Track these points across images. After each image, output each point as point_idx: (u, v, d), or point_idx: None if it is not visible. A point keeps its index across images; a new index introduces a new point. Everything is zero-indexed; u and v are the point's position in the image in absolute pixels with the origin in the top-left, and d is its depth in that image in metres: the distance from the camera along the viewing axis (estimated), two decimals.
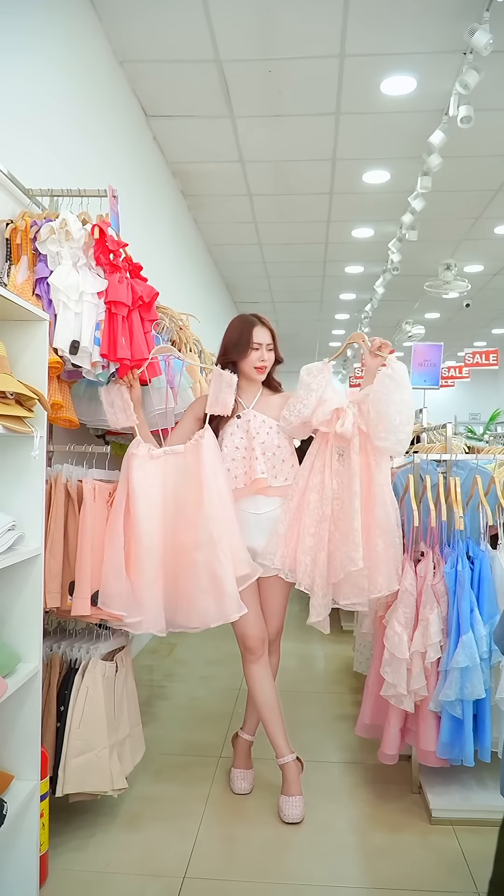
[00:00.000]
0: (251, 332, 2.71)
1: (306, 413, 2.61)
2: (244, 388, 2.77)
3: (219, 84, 4.17)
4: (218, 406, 2.63)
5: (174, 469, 2.57)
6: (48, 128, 3.02)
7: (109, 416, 2.60)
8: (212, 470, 2.53)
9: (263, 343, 2.71)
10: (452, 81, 3.95)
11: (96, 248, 2.44)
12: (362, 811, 2.68)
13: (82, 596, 2.36)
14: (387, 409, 2.50)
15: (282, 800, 2.67)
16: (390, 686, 2.55)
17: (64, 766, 2.33)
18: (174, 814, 2.64)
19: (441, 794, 2.68)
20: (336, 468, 2.64)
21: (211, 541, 2.45)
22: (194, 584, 2.46)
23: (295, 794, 2.66)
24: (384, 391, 2.53)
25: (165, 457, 2.58)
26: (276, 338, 2.77)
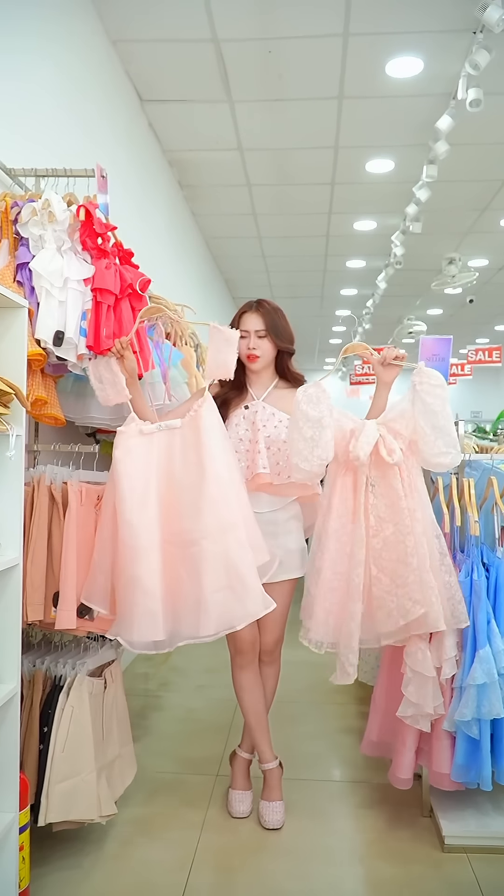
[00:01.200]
0: (239, 318, 2.53)
1: (328, 456, 2.28)
2: (253, 380, 2.60)
3: (216, 66, 3.98)
4: (219, 369, 2.27)
5: (169, 447, 2.24)
6: (35, 111, 2.83)
7: (99, 393, 2.30)
8: (215, 443, 2.20)
9: (252, 330, 2.50)
10: (461, 63, 3.78)
11: (82, 231, 2.26)
12: (369, 837, 2.50)
13: (67, 608, 2.18)
14: (445, 422, 2.26)
15: (262, 805, 2.57)
16: (411, 705, 2.36)
17: (47, 793, 2.15)
18: (168, 840, 2.46)
19: (455, 819, 2.49)
20: (371, 503, 2.31)
21: (221, 527, 2.13)
22: (205, 582, 2.10)
23: (276, 798, 2.59)
24: (438, 403, 2.26)
25: (159, 433, 2.25)
26: (274, 325, 2.53)
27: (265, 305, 2.56)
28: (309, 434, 2.26)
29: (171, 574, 2.16)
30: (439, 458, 2.27)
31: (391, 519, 2.28)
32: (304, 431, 2.27)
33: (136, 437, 2.24)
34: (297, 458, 2.28)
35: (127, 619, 2.13)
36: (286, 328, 2.57)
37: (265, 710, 2.65)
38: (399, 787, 2.54)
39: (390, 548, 2.27)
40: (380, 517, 2.29)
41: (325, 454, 2.26)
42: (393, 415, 2.34)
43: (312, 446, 2.26)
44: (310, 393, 2.30)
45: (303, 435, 2.27)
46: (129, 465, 2.18)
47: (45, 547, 2.22)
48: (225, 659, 2.83)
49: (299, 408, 2.29)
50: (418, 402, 2.28)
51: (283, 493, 2.51)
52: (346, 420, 2.35)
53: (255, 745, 2.65)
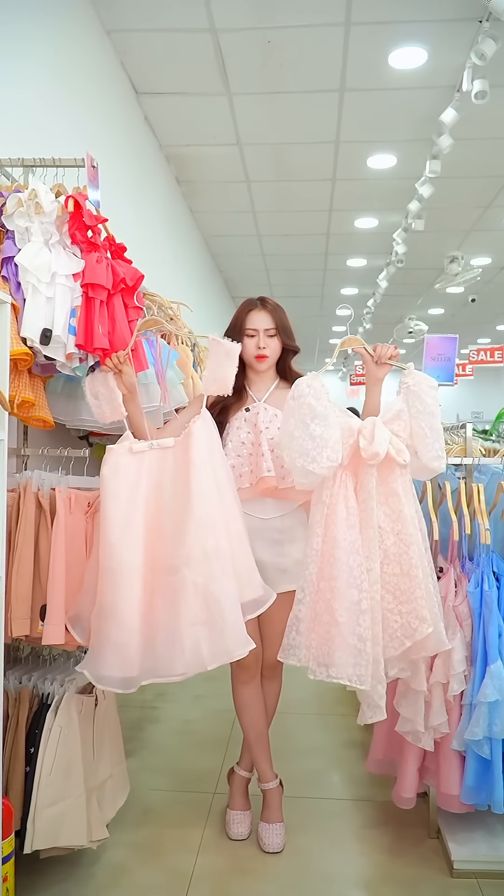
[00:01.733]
0: (246, 316, 2.40)
1: (338, 457, 2.04)
2: (254, 381, 2.47)
3: (214, 56, 3.86)
4: (216, 384, 2.15)
5: (160, 468, 2.07)
6: (24, 103, 2.71)
7: (94, 409, 2.17)
8: (203, 464, 2.02)
9: (260, 329, 2.39)
10: (466, 53, 3.67)
11: (71, 224, 2.14)
12: (374, 860, 2.38)
13: (55, 622, 2.06)
14: (439, 425, 2.15)
15: (262, 827, 2.44)
16: (406, 721, 2.25)
17: (33, 819, 2.02)
18: (163, 865, 2.34)
19: (464, 841, 2.37)
20: (375, 511, 2.10)
21: (205, 555, 1.95)
22: (181, 614, 1.92)
23: (276, 820, 2.46)
24: (434, 405, 2.15)
25: (150, 452, 2.09)
26: (282, 323, 2.43)
27: (270, 303, 2.46)
28: (318, 432, 2.02)
29: (149, 604, 1.99)
30: (434, 463, 2.13)
31: (392, 528, 2.09)
32: (313, 429, 2.03)
33: (125, 456, 2.08)
34: (304, 460, 2.02)
35: (96, 651, 1.97)
36: (288, 326, 2.47)
37: (266, 728, 2.53)
38: (402, 807, 2.43)
39: (392, 561, 2.07)
40: (380, 527, 2.09)
41: (335, 455, 2.03)
42: (390, 416, 2.16)
43: (322, 446, 2.02)
44: (315, 386, 2.08)
45: (310, 433, 2.03)
46: (116, 484, 2.02)
47: (31, 557, 2.09)
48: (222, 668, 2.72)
49: (305, 401, 2.06)
50: (416, 403, 2.13)
51: (289, 498, 2.37)
52: (350, 417, 2.15)
53: (255, 764, 2.53)
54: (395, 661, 2.10)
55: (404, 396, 2.16)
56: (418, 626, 2.02)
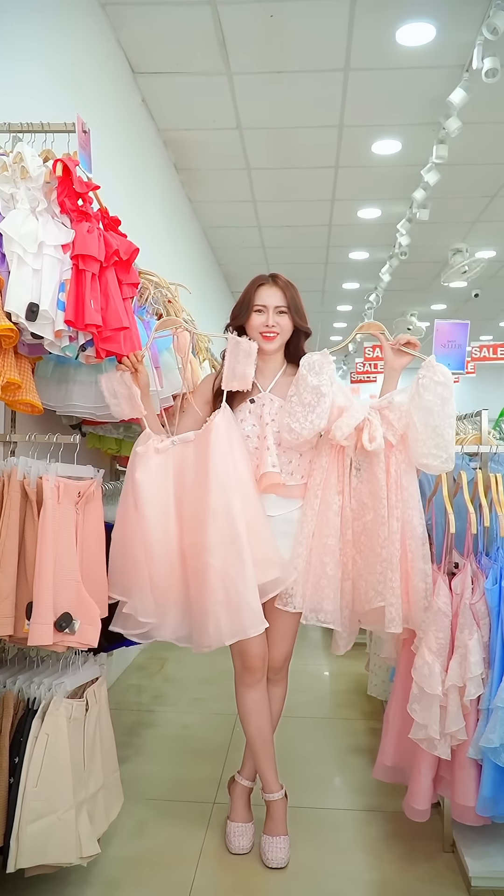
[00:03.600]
0: (255, 291, 2.28)
1: (321, 425, 2.17)
2: (260, 367, 2.31)
3: (214, 32, 3.70)
4: (235, 380, 2.21)
5: (182, 462, 2.21)
6: (12, 82, 2.54)
7: (114, 408, 2.23)
8: (223, 455, 2.12)
9: (270, 305, 2.27)
10: (477, 29, 3.51)
11: (60, 191, 1.99)
12: (384, 876, 2.22)
13: (41, 621, 1.89)
14: (440, 422, 2.11)
15: (265, 841, 2.30)
16: (420, 728, 2.09)
17: (17, 835, 1.86)
18: (159, 881, 2.18)
19: (480, 855, 2.22)
20: (354, 486, 2.25)
21: (222, 541, 2.08)
22: (207, 595, 2.08)
23: (280, 833, 2.31)
24: (437, 401, 2.12)
25: (173, 448, 2.22)
26: (294, 301, 2.30)
27: (282, 279, 2.34)
28: (307, 399, 2.17)
29: (183, 582, 2.18)
30: (426, 459, 2.14)
31: (372, 506, 2.19)
32: (303, 396, 2.18)
33: (153, 458, 2.20)
34: (290, 419, 2.18)
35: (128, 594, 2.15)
36: (300, 305, 2.35)
37: (272, 734, 2.37)
38: (414, 819, 2.27)
39: (369, 533, 2.20)
40: (362, 502, 2.23)
41: (319, 421, 2.16)
42: (386, 402, 2.21)
43: (308, 411, 2.16)
44: (313, 360, 2.21)
45: (301, 399, 2.18)
46: (153, 484, 2.18)
47: (15, 551, 1.93)
48: (222, 668, 2.59)
49: (300, 373, 2.20)
50: (416, 396, 2.16)
51: (294, 496, 2.27)
52: (341, 396, 2.21)
53: (259, 773, 2.37)
54: (365, 617, 2.28)
55: (412, 388, 2.18)
56: (373, 598, 2.16)
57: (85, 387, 2.38)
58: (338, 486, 2.24)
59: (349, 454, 2.24)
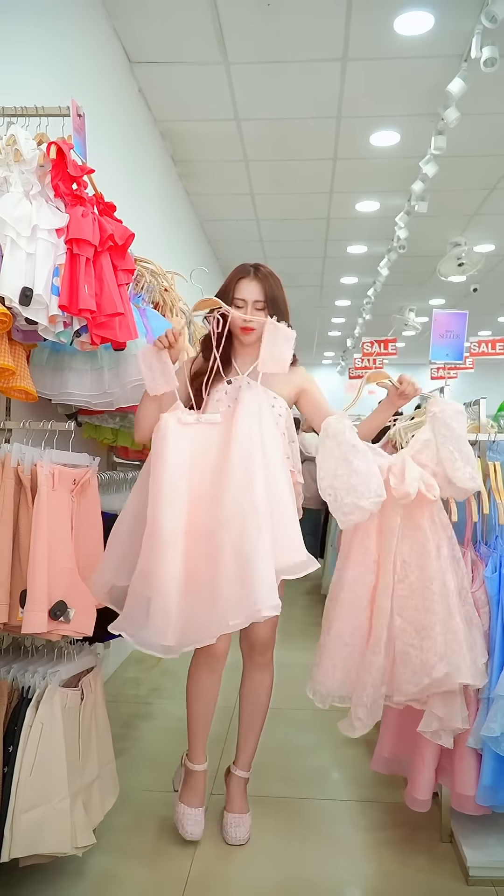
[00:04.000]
0: (236, 284, 2.27)
1: (383, 492, 2.02)
2: (240, 352, 2.33)
3: (211, 22, 3.67)
4: (273, 362, 2.16)
5: (207, 440, 2.07)
6: (8, 71, 2.52)
7: (148, 381, 2.15)
8: (249, 429, 2.01)
9: (249, 300, 2.26)
10: (475, 18, 3.49)
11: (54, 174, 1.97)
12: (382, 867, 2.21)
13: (36, 609, 1.88)
14: (468, 448, 2.12)
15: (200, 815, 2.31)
16: (435, 719, 2.06)
17: (11, 824, 1.84)
18: (155, 872, 2.16)
19: (479, 846, 2.20)
20: (397, 547, 2.09)
21: (240, 511, 1.91)
22: (219, 574, 1.90)
23: (198, 806, 2.31)
24: (461, 429, 2.14)
25: (198, 426, 2.08)
26: (273, 295, 2.28)
27: (263, 271, 2.32)
28: (363, 468, 2.02)
29: (191, 572, 1.96)
30: (469, 484, 2.10)
31: (417, 563, 2.06)
32: (357, 465, 2.02)
33: (174, 425, 2.05)
34: (353, 496, 2.01)
35: (135, 615, 1.95)
36: (284, 300, 2.34)
37: (211, 716, 2.38)
38: (416, 810, 2.25)
39: (416, 595, 2.05)
40: (405, 561, 2.08)
41: (381, 489, 2.02)
42: (418, 447, 2.14)
43: (368, 480, 2.01)
44: (349, 424, 2.09)
45: (355, 469, 2.02)
46: (165, 450, 2.00)
47: (10, 538, 1.91)
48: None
49: (344, 438, 2.06)
50: (443, 430, 2.13)
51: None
52: (382, 458, 2.12)
53: (192, 745, 2.37)
54: (415, 694, 2.06)
55: (430, 424, 2.15)
56: (436, 664, 1.98)
57: (80, 374, 2.36)
58: (358, 558, 2.11)
59: (397, 514, 2.08)
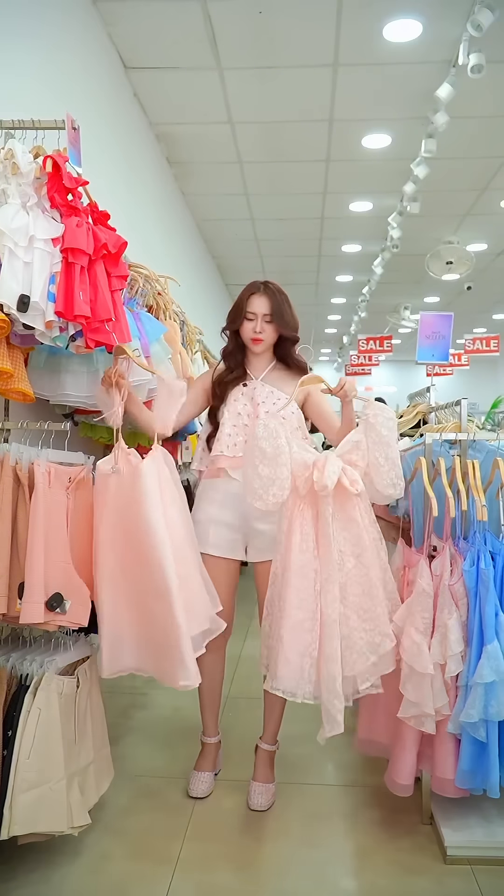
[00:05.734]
0: (248, 299, 2.50)
1: (284, 496, 2.18)
2: (252, 361, 2.61)
3: (204, 28, 3.76)
4: (159, 422, 2.32)
5: (118, 491, 2.18)
6: (4, 77, 2.60)
7: (105, 414, 2.28)
8: (151, 503, 2.11)
9: (259, 313, 2.48)
10: (462, 26, 3.58)
11: (50, 186, 2.05)
12: (364, 847, 2.31)
13: (33, 600, 1.97)
14: (395, 455, 2.27)
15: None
16: (411, 705, 2.17)
17: (10, 804, 1.94)
18: (148, 852, 2.27)
19: (458, 827, 2.30)
20: (333, 535, 2.21)
21: (167, 590, 2.06)
22: (157, 637, 2.13)
23: (209, 769, 2.69)
24: (392, 436, 2.28)
25: (114, 475, 2.19)
26: (279, 310, 2.49)
27: (272, 288, 2.53)
28: (265, 473, 2.17)
29: (134, 613, 2.18)
30: (389, 490, 2.25)
31: (352, 551, 2.21)
32: (260, 469, 2.17)
33: (101, 473, 2.21)
34: (252, 497, 2.19)
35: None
36: (291, 314, 2.55)
37: (220, 687, 2.75)
38: (398, 794, 2.36)
39: (354, 581, 2.19)
40: (341, 550, 2.20)
41: (280, 493, 2.17)
42: (348, 447, 2.28)
43: (268, 484, 2.17)
44: (270, 427, 2.19)
45: (258, 473, 2.18)
46: (97, 497, 2.20)
47: (8, 533, 2.01)
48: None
49: (257, 443, 2.19)
50: (372, 434, 2.25)
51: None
52: (306, 453, 2.24)
53: (204, 720, 2.73)
54: (367, 676, 2.20)
55: (363, 427, 2.28)
56: (381, 642, 2.16)
57: (77, 376, 2.44)
58: (300, 545, 2.20)
59: (328, 504, 2.19)
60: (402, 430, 3.33)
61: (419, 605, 2.24)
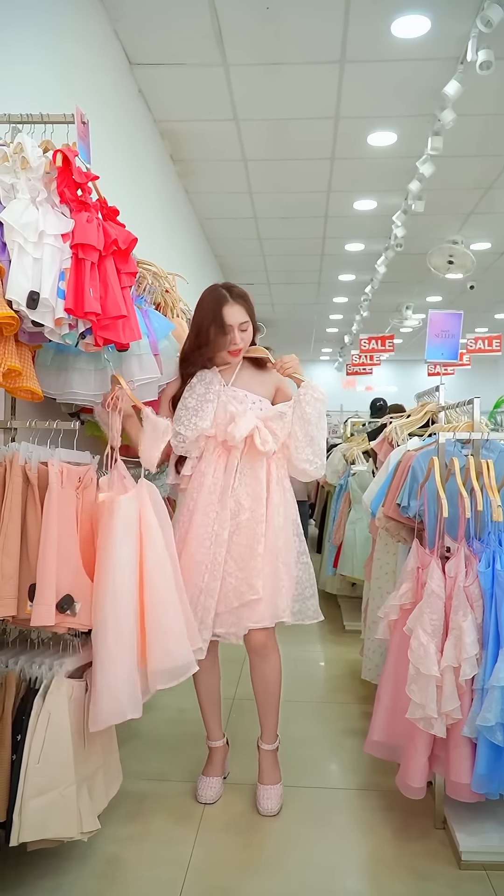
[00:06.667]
0: (221, 311, 2.40)
1: (204, 426, 2.39)
2: (222, 365, 2.54)
3: (211, 23, 3.72)
4: (143, 460, 2.28)
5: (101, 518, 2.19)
6: (9, 73, 2.56)
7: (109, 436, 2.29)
8: (121, 541, 2.08)
9: (235, 324, 2.41)
10: (471, 22, 3.55)
11: (60, 181, 2.02)
12: (377, 851, 2.28)
13: (44, 602, 1.94)
14: (316, 433, 2.44)
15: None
16: (418, 707, 2.14)
17: (20, 809, 1.91)
18: (157, 857, 2.24)
19: (473, 832, 2.27)
20: (235, 488, 2.42)
21: (113, 619, 2.04)
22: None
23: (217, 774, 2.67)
24: (315, 414, 2.43)
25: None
26: (251, 312, 2.47)
27: (237, 291, 2.48)
28: (192, 405, 2.40)
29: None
30: (304, 465, 2.44)
31: (250, 506, 2.39)
32: (188, 402, 2.42)
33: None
34: (177, 425, 2.39)
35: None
36: (253, 313, 2.52)
37: (218, 691, 2.70)
38: (410, 797, 2.32)
39: (242, 533, 2.38)
40: (239, 502, 2.40)
41: (203, 423, 2.38)
42: (271, 413, 2.45)
43: (192, 415, 2.39)
44: (204, 373, 2.46)
45: (185, 405, 2.42)
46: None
47: (18, 534, 1.97)
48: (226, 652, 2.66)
49: (190, 382, 2.45)
50: (297, 409, 2.43)
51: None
52: (232, 402, 2.43)
53: (207, 725, 2.70)
54: (227, 621, 2.37)
55: (294, 402, 2.46)
56: (246, 591, 2.33)
57: (84, 374, 2.41)
58: (210, 487, 2.40)
59: (236, 457, 2.41)
60: (411, 430, 3.29)
61: (429, 607, 2.21)
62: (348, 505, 4.73)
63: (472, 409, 2.62)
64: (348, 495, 4.75)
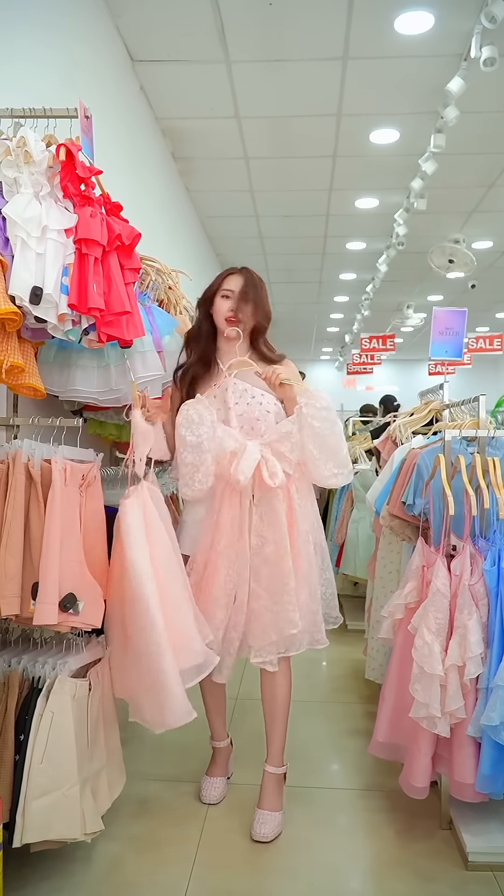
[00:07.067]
0: (224, 278, 2.47)
1: (209, 482, 2.27)
2: (225, 352, 2.49)
3: (213, 20, 3.70)
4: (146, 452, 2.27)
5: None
6: (11, 69, 2.54)
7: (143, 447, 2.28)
8: (134, 541, 2.07)
9: (235, 289, 2.42)
10: (475, 18, 3.53)
11: (63, 176, 2.00)
12: (382, 852, 2.26)
13: (47, 601, 1.92)
14: (333, 443, 2.27)
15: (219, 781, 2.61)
16: (421, 706, 2.13)
17: (23, 810, 1.89)
18: (161, 858, 2.22)
19: (478, 832, 2.25)
20: (255, 522, 2.29)
21: (141, 629, 2.02)
22: (143, 676, 2.07)
23: (221, 775, 2.64)
24: (326, 426, 2.26)
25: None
26: (258, 291, 2.47)
27: (248, 269, 2.53)
28: (189, 460, 2.25)
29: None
30: (329, 480, 2.30)
31: (273, 538, 2.26)
32: (185, 457, 2.26)
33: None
34: (180, 484, 2.30)
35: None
36: (265, 300, 2.51)
37: (223, 695, 2.66)
38: (413, 797, 2.31)
39: (270, 566, 2.26)
40: (262, 536, 2.27)
41: (205, 479, 2.25)
42: (277, 436, 2.30)
43: (193, 472, 2.26)
44: (190, 415, 2.27)
45: (183, 461, 2.27)
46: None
47: (21, 532, 1.95)
48: None
49: (178, 432, 2.27)
50: (305, 426, 2.26)
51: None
52: (229, 440, 2.28)
53: (212, 727, 2.65)
54: (266, 651, 2.30)
55: (296, 417, 2.27)
56: (284, 627, 2.23)
57: (87, 371, 2.39)
58: (236, 529, 2.27)
59: (248, 494, 2.28)
60: (415, 428, 3.28)
61: (434, 606, 2.19)
62: (351, 504, 4.72)
63: (476, 407, 2.60)
64: (351, 494, 4.73)
